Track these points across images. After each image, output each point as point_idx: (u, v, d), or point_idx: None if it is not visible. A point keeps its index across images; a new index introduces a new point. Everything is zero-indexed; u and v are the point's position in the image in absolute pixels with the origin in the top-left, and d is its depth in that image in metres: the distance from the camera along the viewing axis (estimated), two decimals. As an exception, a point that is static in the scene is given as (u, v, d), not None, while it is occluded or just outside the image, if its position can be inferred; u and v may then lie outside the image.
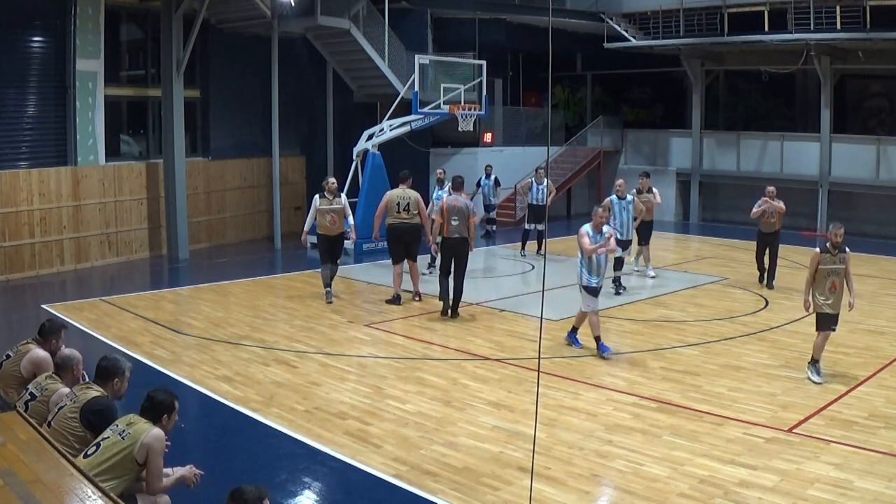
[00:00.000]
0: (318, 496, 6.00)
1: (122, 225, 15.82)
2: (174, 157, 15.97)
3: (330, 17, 17.51)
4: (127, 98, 16.59)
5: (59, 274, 14.46)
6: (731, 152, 22.15)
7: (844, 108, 21.90)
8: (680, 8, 20.70)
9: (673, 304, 11.95)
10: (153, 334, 10.20)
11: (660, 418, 7.22)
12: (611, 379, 8.41)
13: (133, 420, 4.53)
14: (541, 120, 23.61)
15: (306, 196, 20.84)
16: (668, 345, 9.73)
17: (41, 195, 14.22)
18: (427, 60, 16.91)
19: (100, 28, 15.02)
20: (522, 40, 21.78)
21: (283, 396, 7.85)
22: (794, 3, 18.74)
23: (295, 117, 19.53)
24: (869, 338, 9.95)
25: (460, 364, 8.98)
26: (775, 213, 12.67)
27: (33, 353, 5.84)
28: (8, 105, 14.03)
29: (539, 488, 5.69)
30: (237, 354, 9.29)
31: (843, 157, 19.92)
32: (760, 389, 7.98)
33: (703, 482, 5.88)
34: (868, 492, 5.66)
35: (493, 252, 16.99)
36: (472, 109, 16.92)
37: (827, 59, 19.60)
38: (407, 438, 6.79)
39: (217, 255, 16.86)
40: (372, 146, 16.58)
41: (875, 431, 6.82)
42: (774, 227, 12.76)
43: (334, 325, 10.76)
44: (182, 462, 4.88)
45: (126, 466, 4.38)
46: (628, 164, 24.00)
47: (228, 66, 18.22)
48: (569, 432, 6.88)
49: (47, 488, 3.93)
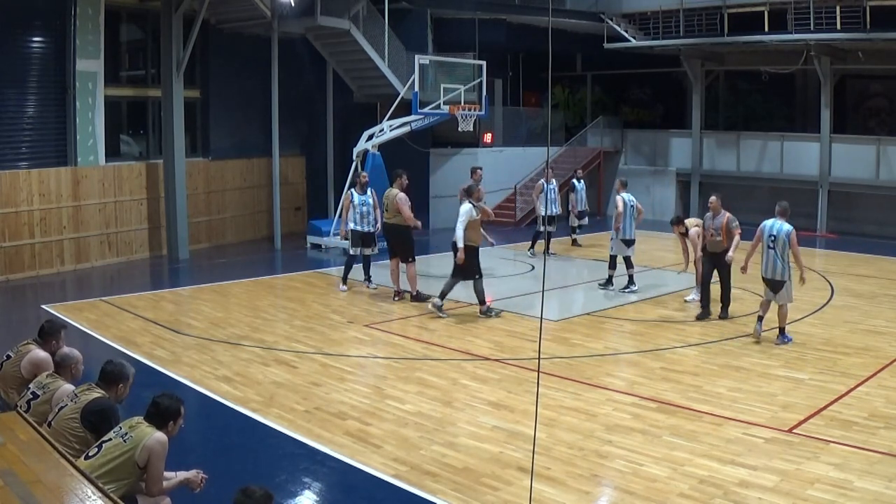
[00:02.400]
0: (318, 496, 6.00)
1: (122, 225, 15.82)
2: (174, 158, 15.97)
3: (330, 17, 17.51)
4: (127, 98, 16.59)
5: (59, 274, 14.47)
6: (731, 152, 22.15)
7: (844, 108, 21.89)
8: (680, 8, 20.70)
9: (673, 304, 11.94)
10: (153, 334, 10.20)
11: (660, 418, 7.22)
12: (611, 379, 8.42)
13: (136, 423, 4.53)
14: (541, 120, 23.61)
15: (306, 196, 20.88)
16: (667, 345, 9.73)
17: (41, 195, 14.22)
18: (427, 60, 16.91)
19: (100, 28, 15.03)
20: (522, 40, 21.78)
21: (283, 396, 7.85)
22: (794, 4, 18.74)
23: (295, 117, 19.53)
24: (869, 338, 9.95)
25: (460, 364, 8.98)
26: (720, 230, 10.61)
27: (33, 353, 5.84)
28: (8, 105, 14.04)
29: (539, 488, 5.69)
30: (237, 355, 9.30)
31: (843, 158, 19.91)
32: (760, 389, 7.98)
33: (702, 482, 5.88)
34: (868, 492, 5.66)
35: (494, 252, 16.96)
36: (472, 110, 16.91)
37: (827, 60, 19.59)
38: (407, 438, 6.79)
39: (217, 256, 16.86)
40: (372, 146, 16.58)
41: (875, 431, 6.82)
42: (721, 246, 10.65)
43: (334, 325, 10.77)
44: (182, 462, 4.88)
45: (127, 469, 4.38)
46: (628, 164, 24.01)
47: (228, 66, 18.22)
48: (569, 432, 6.88)
49: (47, 488, 3.93)
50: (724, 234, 10.69)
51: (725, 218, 10.73)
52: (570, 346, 9.67)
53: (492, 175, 19.50)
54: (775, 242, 9.54)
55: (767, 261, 9.64)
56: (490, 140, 21.95)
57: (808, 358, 9.07)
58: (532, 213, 21.08)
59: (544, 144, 23.16)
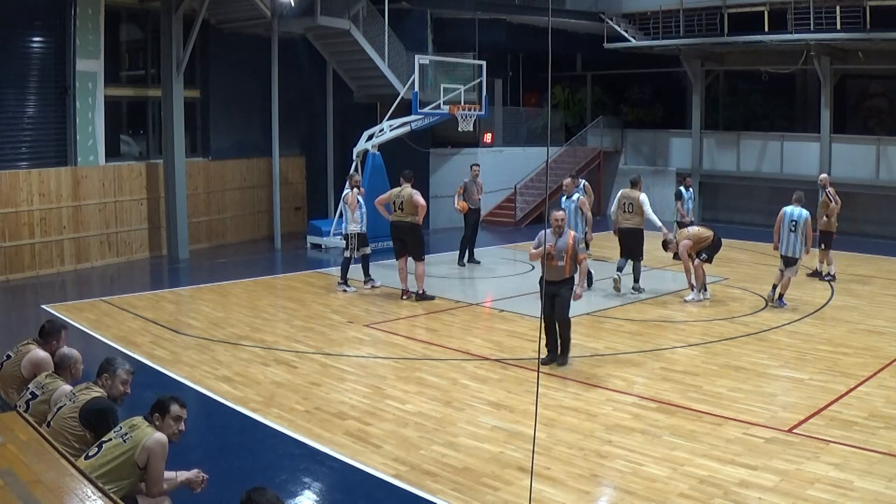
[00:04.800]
0: (318, 496, 6.00)
1: (122, 225, 15.82)
2: (174, 158, 15.97)
3: (330, 17, 17.51)
4: (127, 98, 16.60)
5: (59, 274, 14.47)
6: (731, 152, 22.15)
7: (844, 108, 21.91)
8: (680, 8, 20.70)
9: (673, 304, 11.94)
10: (153, 334, 10.20)
11: (659, 418, 7.22)
12: (611, 379, 8.41)
13: (136, 423, 4.52)
14: (541, 120, 23.61)
15: (306, 196, 20.88)
16: (668, 345, 9.74)
17: (41, 195, 14.22)
18: (427, 60, 16.92)
19: (100, 28, 15.03)
20: (522, 40, 21.79)
21: (282, 396, 7.85)
22: (794, 4, 18.75)
23: (295, 117, 19.53)
24: (869, 338, 9.95)
25: (460, 364, 8.98)
26: (565, 252, 8.55)
27: (33, 353, 5.84)
28: (8, 105, 14.04)
29: (539, 488, 5.69)
30: (237, 354, 9.30)
31: (843, 157, 19.91)
32: (760, 389, 7.98)
33: (702, 482, 5.87)
34: (868, 492, 5.66)
35: (493, 252, 16.98)
36: (472, 110, 16.92)
37: (827, 59, 19.60)
38: (407, 438, 6.79)
39: (217, 256, 16.86)
40: (372, 146, 16.58)
41: (875, 431, 6.82)
42: (562, 275, 8.71)
43: (334, 325, 10.77)
44: (182, 462, 4.88)
45: (127, 469, 4.38)
46: (628, 164, 24.02)
47: (228, 66, 18.22)
48: (569, 432, 6.88)
49: (47, 488, 3.93)
50: (567, 259, 8.61)
51: (571, 238, 8.66)
52: (571, 346, 9.65)
53: (492, 175, 19.53)
54: (797, 226, 11.25)
55: (788, 242, 11.33)
56: (490, 140, 21.95)
57: (808, 358, 9.07)
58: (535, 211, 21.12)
59: (544, 144, 23.17)
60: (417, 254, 12.07)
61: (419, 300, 11.94)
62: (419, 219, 12.01)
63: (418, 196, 11.98)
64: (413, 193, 11.95)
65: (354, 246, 12.67)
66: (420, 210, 11.92)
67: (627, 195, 12.51)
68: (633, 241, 12.34)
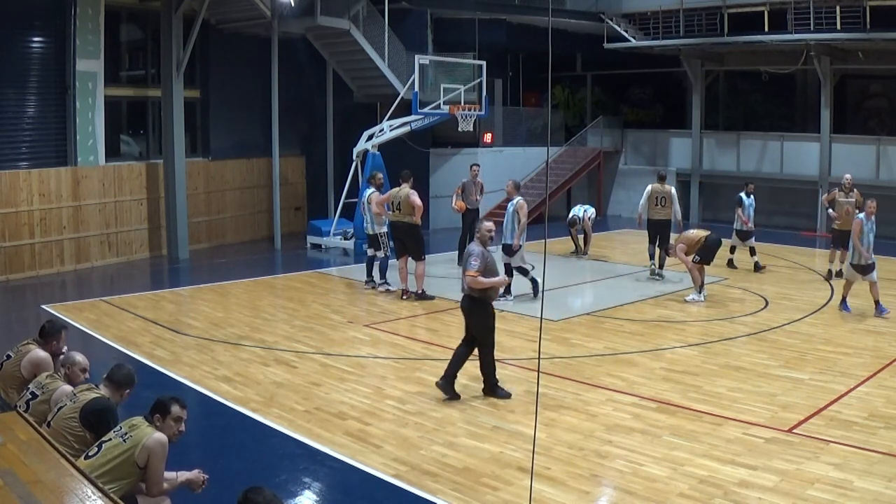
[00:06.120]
0: (318, 496, 6.00)
1: (122, 225, 15.82)
2: (174, 158, 15.97)
3: (330, 17, 17.51)
4: (127, 98, 16.60)
5: (59, 274, 14.47)
6: (731, 152, 22.14)
7: (844, 108, 21.88)
8: (680, 8, 20.69)
9: (673, 305, 11.94)
10: (153, 334, 10.20)
11: (660, 418, 7.22)
12: (611, 379, 8.41)
13: (136, 423, 4.52)
14: (541, 120, 23.59)
15: (306, 196, 20.88)
16: (668, 345, 9.74)
17: (41, 195, 14.22)
18: (427, 60, 16.91)
19: (100, 28, 15.03)
20: (522, 40, 21.77)
21: (283, 396, 7.85)
22: (794, 4, 18.73)
23: (295, 117, 19.53)
24: (869, 338, 9.95)
25: (460, 364, 8.96)
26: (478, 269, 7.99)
27: (34, 353, 5.84)
28: (8, 105, 14.04)
29: (539, 488, 5.69)
30: (237, 355, 9.30)
31: (843, 157, 19.88)
32: (760, 389, 7.98)
33: (702, 482, 5.88)
34: (868, 492, 5.66)
35: (493, 252, 16.94)
36: (472, 110, 16.91)
37: (827, 60, 19.58)
38: (407, 438, 6.79)
39: (217, 256, 16.86)
40: (372, 146, 16.57)
41: (875, 431, 6.82)
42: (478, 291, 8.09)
43: (334, 325, 10.77)
44: (182, 462, 4.88)
45: (127, 469, 4.38)
46: (628, 164, 24.00)
47: (228, 66, 18.22)
48: (569, 432, 6.88)
49: (47, 488, 3.93)
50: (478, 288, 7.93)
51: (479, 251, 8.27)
52: (570, 346, 9.67)
53: (492, 175, 19.49)
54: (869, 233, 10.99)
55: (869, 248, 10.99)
56: (490, 140, 21.94)
57: (808, 358, 9.07)
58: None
59: (544, 144, 23.15)
60: (417, 254, 12.10)
61: (419, 300, 11.95)
62: (417, 219, 12.04)
63: (415, 196, 12.00)
64: (410, 194, 11.98)
65: (387, 244, 12.72)
66: (417, 210, 11.95)
67: (660, 190, 13.54)
68: (666, 231, 13.40)
